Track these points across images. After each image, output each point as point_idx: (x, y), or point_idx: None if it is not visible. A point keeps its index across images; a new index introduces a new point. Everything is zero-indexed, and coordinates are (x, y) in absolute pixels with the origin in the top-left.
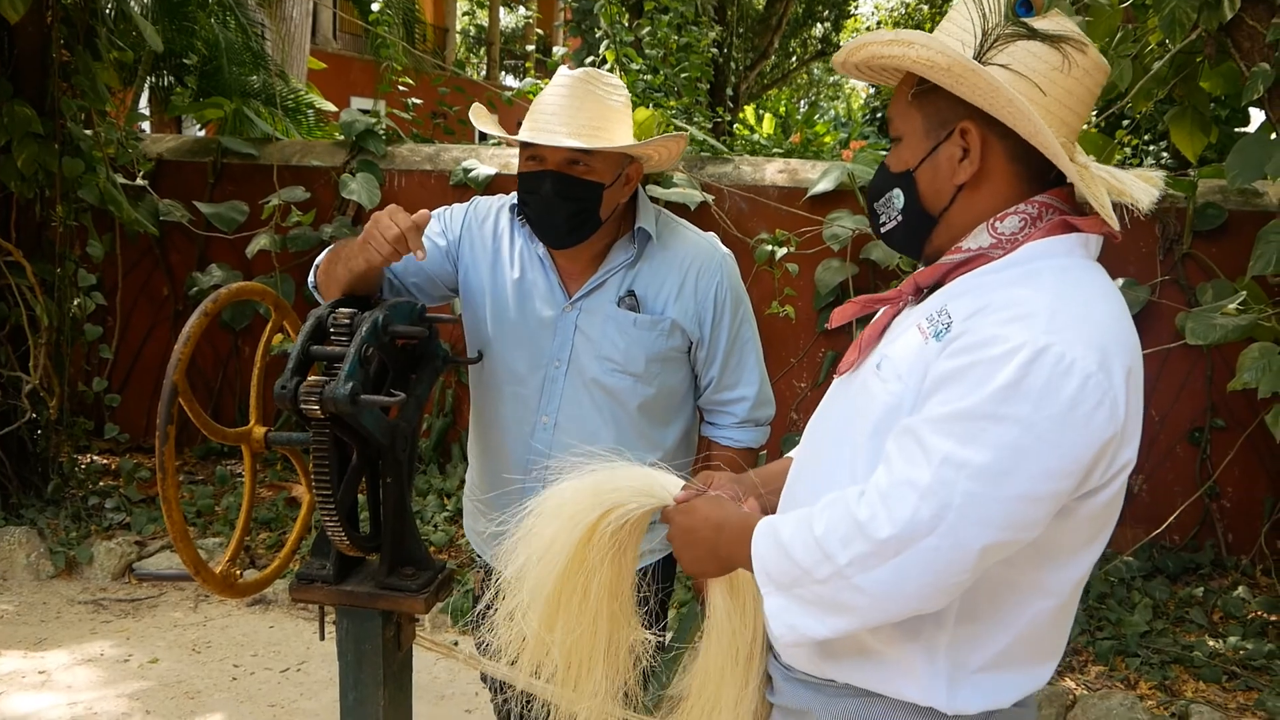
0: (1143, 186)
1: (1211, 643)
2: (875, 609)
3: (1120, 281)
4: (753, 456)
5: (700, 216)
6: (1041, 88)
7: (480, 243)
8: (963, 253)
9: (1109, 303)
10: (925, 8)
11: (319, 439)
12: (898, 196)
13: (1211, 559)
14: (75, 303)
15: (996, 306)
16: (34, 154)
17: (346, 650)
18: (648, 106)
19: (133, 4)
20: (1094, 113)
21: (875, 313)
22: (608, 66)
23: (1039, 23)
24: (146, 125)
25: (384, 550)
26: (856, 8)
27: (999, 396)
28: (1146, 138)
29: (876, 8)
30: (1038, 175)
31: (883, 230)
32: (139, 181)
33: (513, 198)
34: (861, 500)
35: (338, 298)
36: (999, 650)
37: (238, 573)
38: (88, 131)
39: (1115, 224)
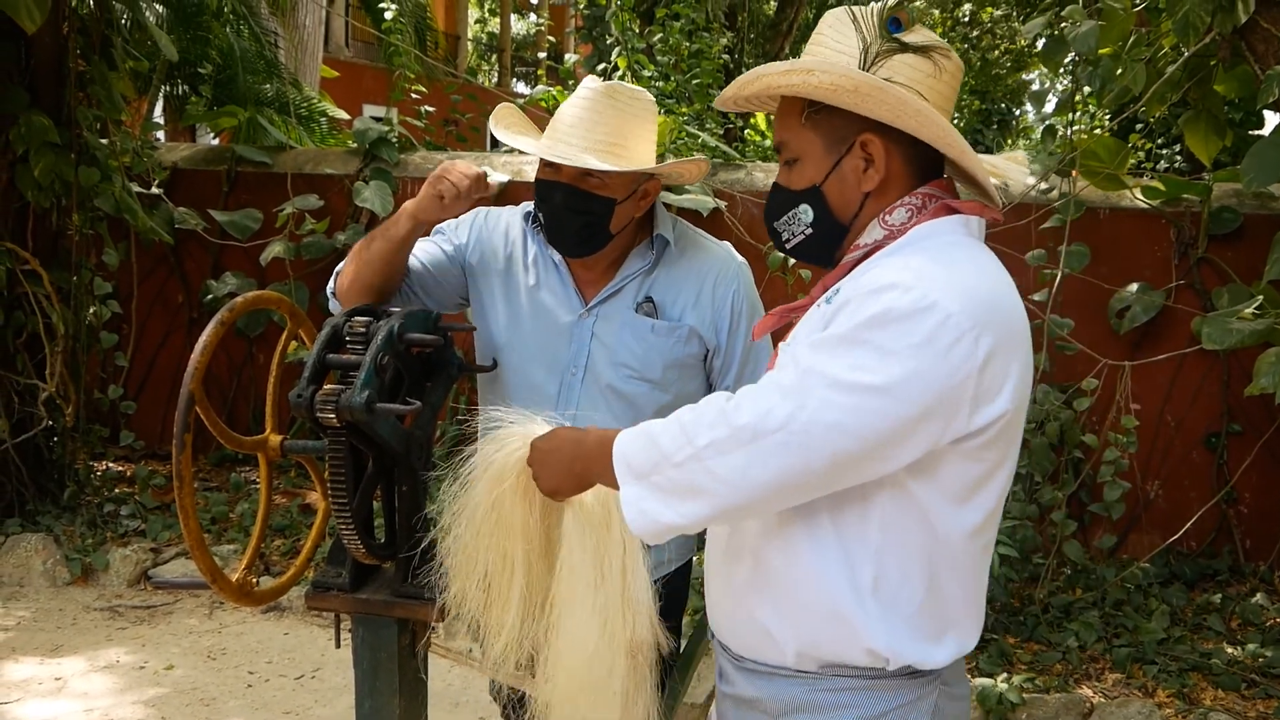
0: (1015, 168)
1: (1230, 650)
2: (725, 495)
3: (1134, 286)
4: None
5: (713, 223)
6: (924, 95)
7: (491, 251)
8: (861, 248)
9: (983, 272)
10: (936, 12)
11: (335, 447)
12: (805, 212)
13: (1229, 565)
14: (91, 310)
15: (878, 267)
16: (50, 163)
17: (362, 658)
18: (660, 114)
19: (148, 14)
20: (1107, 116)
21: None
22: (620, 73)
23: (908, 37)
24: (161, 134)
25: (399, 559)
26: None
27: (865, 324)
28: (1159, 141)
29: None
30: (925, 170)
31: (788, 245)
32: (154, 190)
33: (526, 206)
34: (726, 397)
35: (356, 300)
36: (919, 604)
37: (254, 581)
38: (104, 141)
39: (998, 204)
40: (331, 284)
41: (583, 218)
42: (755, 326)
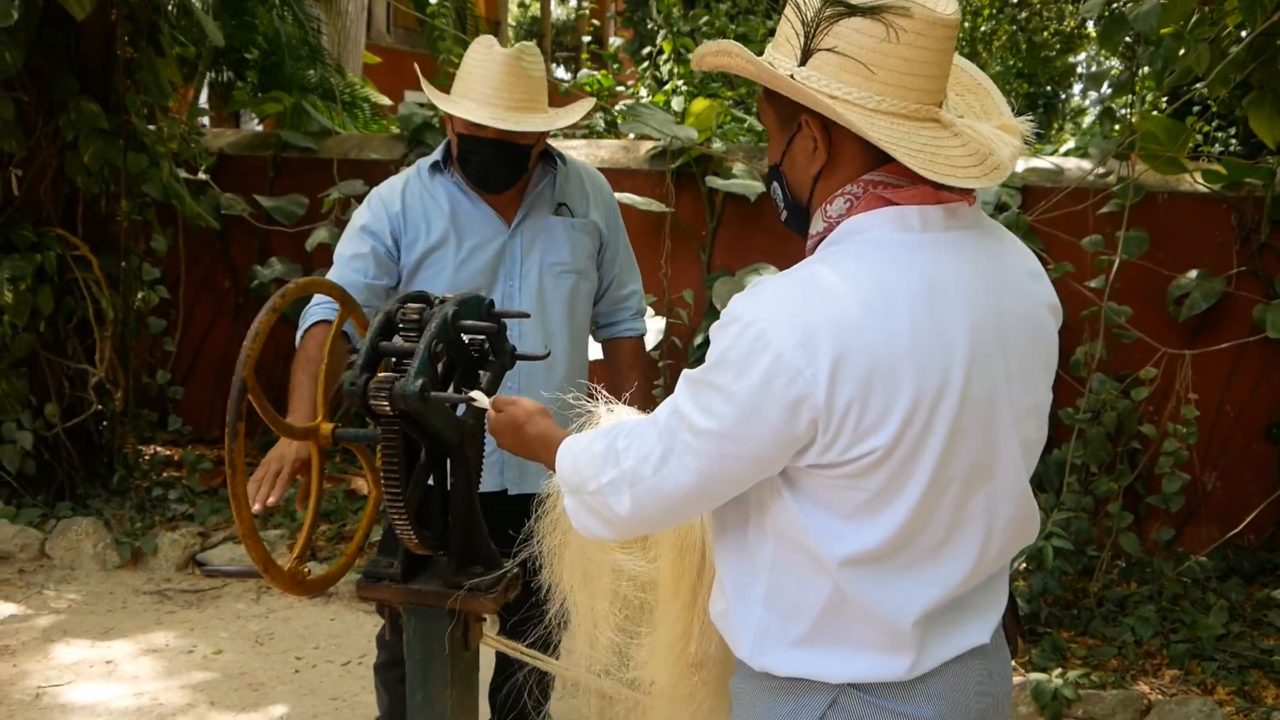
0: (1005, 139)
1: None
2: (623, 525)
3: (1194, 273)
4: (644, 346)
5: (761, 207)
6: (869, 64)
7: (404, 219)
8: (811, 238)
9: (863, 289)
10: None
11: (388, 436)
12: (776, 188)
13: None
14: (139, 296)
15: (737, 296)
16: (99, 149)
17: (414, 649)
18: (705, 98)
19: (194, 0)
20: (1164, 99)
21: None
22: (665, 57)
23: (855, 0)
24: (206, 120)
25: (452, 549)
26: None
27: (712, 365)
28: (1215, 124)
29: None
30: (883, 153)
31: (781, 219)
32: (201, 176)
33: (409, 171)
34: (628, 430)
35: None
36: (805, 630)
37: (306, 570)
38: (151, 127)
39: (970, 180)
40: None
41: (510, 161)
42: None
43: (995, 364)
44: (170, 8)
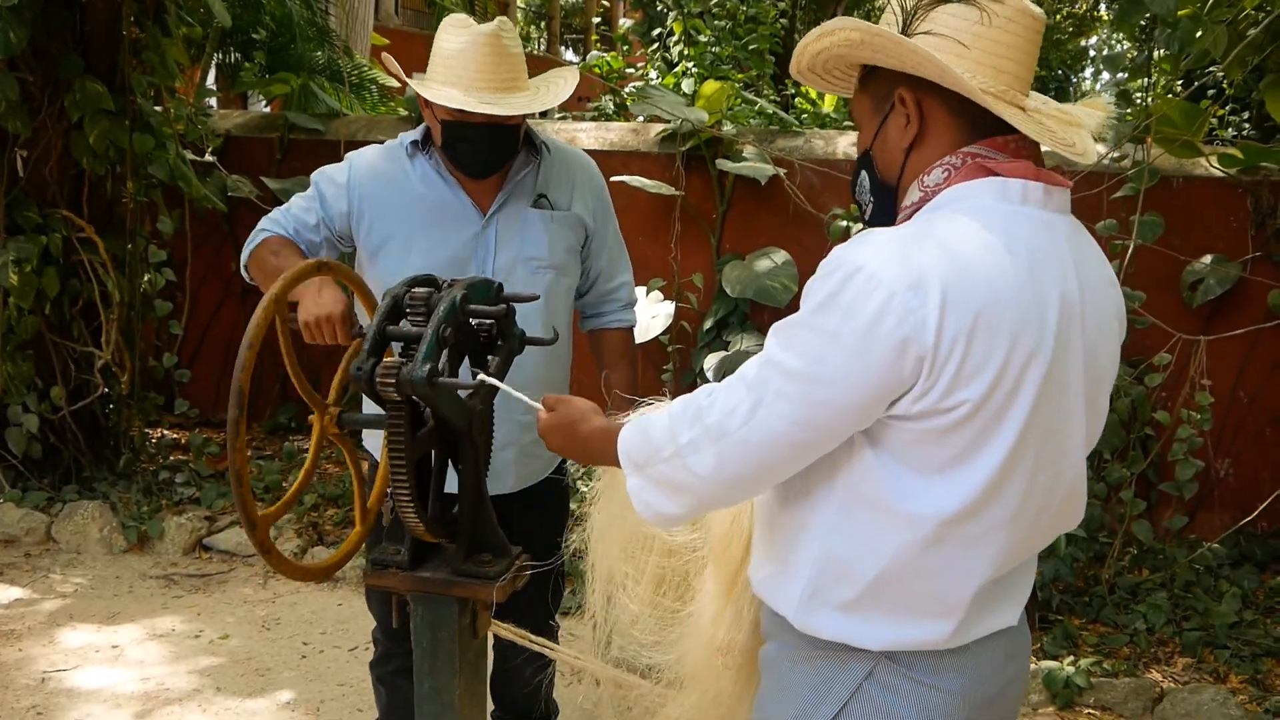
0: (1089, 113)
1: None
2: (704, 490)
3: (1208, 258)
4: (633, 338)
5: (771, 190)
6: (964, 42)
7: (375, 191)
8: (905, 210)
9: (971, 241)
10: None
11: (395, 422)
12: (864, 179)
13: None
14: (146, 278)
15: (841, 246)
16: (105, 130)
17: (422, 637)
18: (716, 79)
19: None
20: (1179, 82)
21: None
22: (675, 38)
23: None
24: (213, 101)
25: (460, 536)
26: None
27: (815, 309)
28: (1229, 108)
29: None
30: (976, 126)
31: (866, 218)
32: (208, 158)
33: (398, 142)
34: (711, 389)
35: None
36: (864, 586)
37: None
38: (158, 108)
39: (1074, 155)
40: (245, 262)
41: (499, 146)
42: None
43: (1076, 346)
44: None
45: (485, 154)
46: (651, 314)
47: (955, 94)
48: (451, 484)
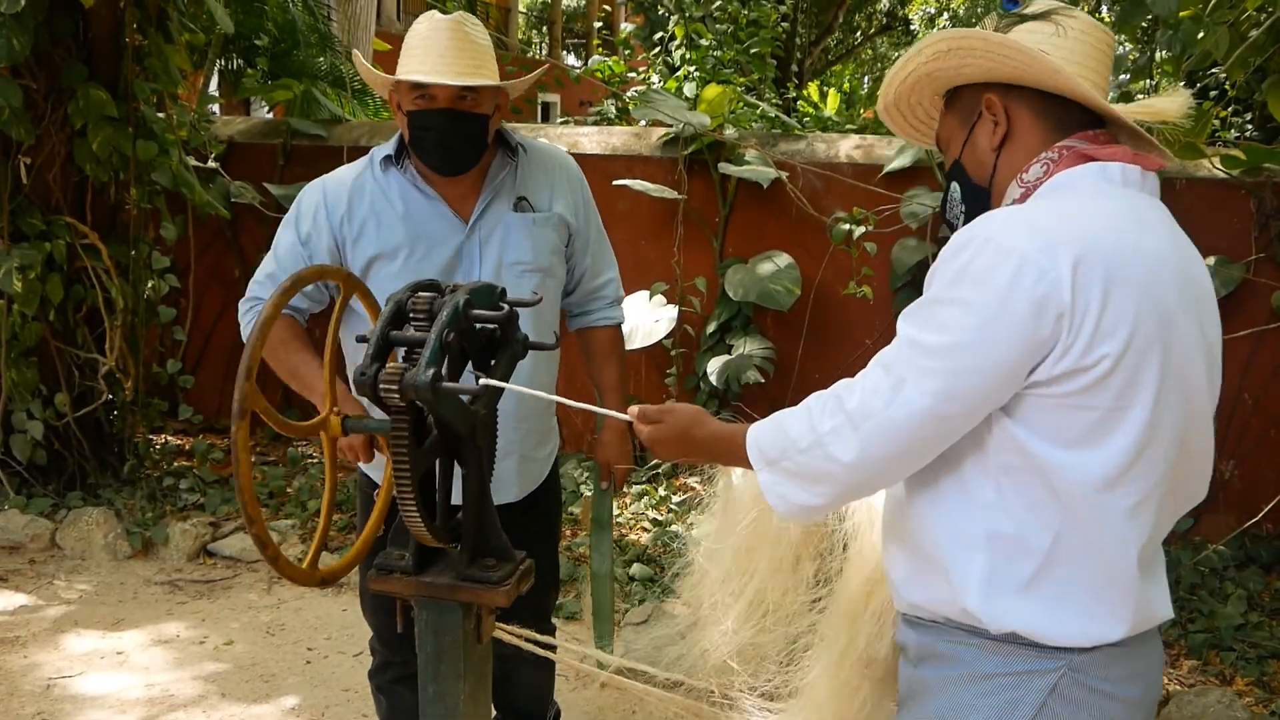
0: (1169, 99)
1: None
2: (847, 476)
3: (1211, 260)
4: (622, 335)
5: (774, 194)
6: (1046, 50)
7: (355, 213)
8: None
9: (1089, 209)
10: None
11: (398, 427)
12: (955, 191)
13: None
14: (149, 285)
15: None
16: (109, 137)
17: (426, 642)
18: (718, 83)
19: None
20: (1181, 83)
21: None
22: (677, 42)
23: (1028, 9)
24: (216, 108)
25: (464, 541)
26: None
27: (948, 283)
28: (1232, 109)
29: None
30: (1062, 124)
31: (957, 225)
32: (210, 164)
33: (364, 161)
34: (846, 381)
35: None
36: (1041, 558)
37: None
38: (160, 114)
39: (1157, 147)
40: (243, 324)
41: (464, 135)
42: None
43: (1191, 310)
44: None
45: (452, 144)
46: (655, 318)
47: (1039, 96)
48: (455, 494)
